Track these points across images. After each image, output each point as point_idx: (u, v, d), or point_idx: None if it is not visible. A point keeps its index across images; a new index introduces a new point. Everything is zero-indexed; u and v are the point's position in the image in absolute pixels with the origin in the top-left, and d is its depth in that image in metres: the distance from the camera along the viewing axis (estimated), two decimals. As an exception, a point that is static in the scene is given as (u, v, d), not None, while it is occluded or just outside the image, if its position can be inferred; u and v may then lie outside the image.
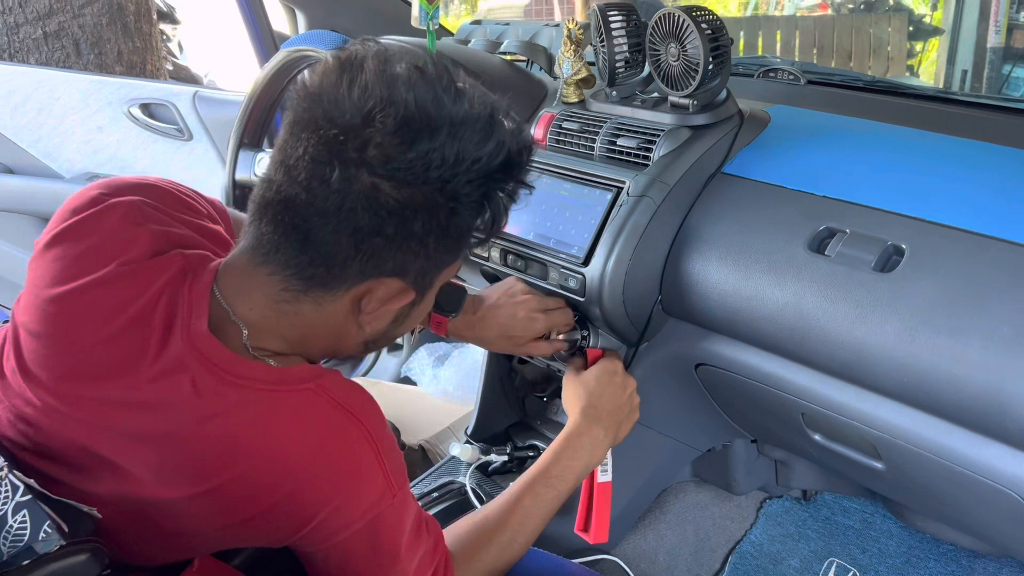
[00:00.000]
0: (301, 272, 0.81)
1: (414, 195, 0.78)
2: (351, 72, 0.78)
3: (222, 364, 0.81)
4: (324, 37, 1.42)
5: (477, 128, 0.79)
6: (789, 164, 1.22)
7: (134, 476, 0.83)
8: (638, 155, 1.26)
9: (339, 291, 0.83)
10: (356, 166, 0.76)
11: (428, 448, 1.71)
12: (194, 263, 0.87)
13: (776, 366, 1.14)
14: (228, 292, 0.85)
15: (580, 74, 1.44)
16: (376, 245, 0.79)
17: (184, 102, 2.06)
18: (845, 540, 1.59)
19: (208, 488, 0.81)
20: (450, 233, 0.82)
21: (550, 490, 1.06)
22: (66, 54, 2.61)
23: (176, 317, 0.83)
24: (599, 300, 1.20)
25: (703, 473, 1.59)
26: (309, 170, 0.77)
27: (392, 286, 0.84)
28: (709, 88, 1.25)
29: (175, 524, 0.85)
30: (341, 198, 0.77)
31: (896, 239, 1.03)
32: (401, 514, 0.88)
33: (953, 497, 1.10)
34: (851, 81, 1.59)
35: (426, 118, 0.77)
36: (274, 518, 0.84)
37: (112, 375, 0.82)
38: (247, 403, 0.81)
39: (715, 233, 1.18)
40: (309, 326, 0.85)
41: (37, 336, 0.85)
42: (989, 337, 0.91)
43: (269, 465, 0.81)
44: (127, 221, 0.88)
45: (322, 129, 0.77)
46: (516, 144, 0.82)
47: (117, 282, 0.84)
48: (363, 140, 0.76)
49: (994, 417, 0.91)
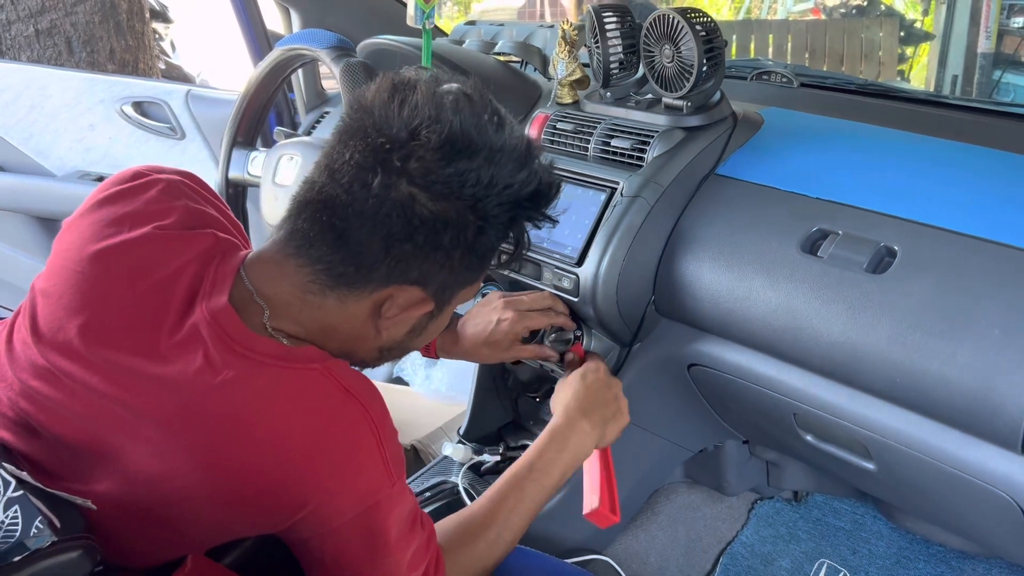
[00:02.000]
0: (331, 269, 0.84)
1: (447, 209, 0.82)
2: (403, 92, 0.83)
3: (235, 336, 0.83)
4: (318, 36, 1.41)
5: (513, 157, 0.84)
6: (782, 166, 1.23)
7: (133, 456, 0.83)
8: (632, 156, 1.27)
9: (364, 292, 0.86)
10: (398, 175, 0.81)
11: (420, 448, 1.71)
12: (224, 245, 0.91)
13: (768, 367, 1.14)
14: (255, 276, 0.87)
15: (574, 75, 1.44)
16: (405, 252, 0.83)
17: (177, 100, 2.05)
18: (836, 541, 1.60)
19: (207, 462, 0.81)
20: (475, 250, 0.87)
21: (535, 485, 1.06)
22: (58, 52, 2.59)
23: (200, 290, 0.85)
24: (592, 300, 1.21)
25: (695, 474, 1.59)
26: (353, 174, 0.81)
27: (413, 294, 0.87)
28: (703, 90, 1.26)
29: (169, 511, 0.85)
30: (379, 203, 0.81)
31: (888, 241, 1.03)
32: (398, 505, 0.89)
33: (944, 498, 1.10)
34: (844, 84, 1.60)
35: (468, 140, 0.82)
36: (271, 498, 0.83)
37: (129, 337, 0.84)
38: (253, 375, 0.82)
39: (708, 234, 1.19)
40: (329, 321, 0.87)
41: (59, 298, 0.86)
42: (980, 338, 0.92)
43: (269, 440, 0.82)
44: (166, 194, 0.93)
45: (370, 137, 0.82)
46: (547, 178, 0.88)
47: (149, 244, 0.88)
48: (407, 152, 0.81)
49: (985, 418, 0.92)
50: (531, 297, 1.28)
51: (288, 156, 1.43)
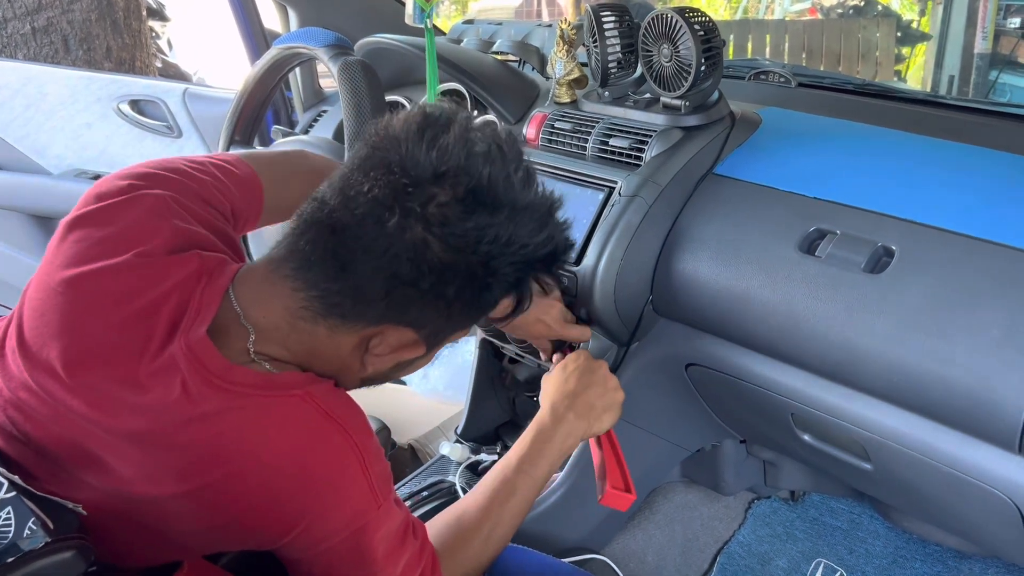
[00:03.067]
0: (327, 298, 0.82)
1: (458, 261, 0.80)
2: (435, 129, 0.81)
3: (213, 369, 0.81)
4: (316, 34, 1.41)
5: (535, 217, 0.83)
6: (780, 165, 1.22)
7: (120, 473, 0.82)
8: (630, 155, 1.27)
9: (356, 326, 0.84)
10: (415, 218, 0.79)
11: (418, 447, 1.71)
12: (211, 265, 0.88)
13: (766, 367, 1.14)
14: (244, 297, 0.85)
15: (572, 74, 1.44)
16: (407, 295, 0.82)
17: (174, 99, 2.05)
18: (832, 541, 1.60)
19: (192, 488, 0.81)
20: (477, 304, 0.85)
21: (525, 478, 1.05)
22: (55, 50, 2.59)
23: (183, 318, 0.83)
24: (590, 299, 1.21)
25: (692, 474, 1.59)
26: (368, 207, 0.79)
27: (406, 336, 0.85)
28: (701, 89, 1.26)
29: (161, 523, 0.85)
30: (390, 242, 0.79)
31: (886, 241, 1.03)
32: (386, 524, 0.88)
33: (941, 498, 1.10)
34: (841, 84, 1.60)
35: (493, 195, 0.80)
36: (257, 523, 0.83)
37: (111, 364, 0.82)
38: (233, 408, 0.81)
39: (706, 233, 1.18)
40: (317, 348, 0.86)
41: (42, 315, 0.85)
42: (978, 338, 0.92)
43: (252, 470, 0.81)
44: (152, 214, 0.89)
45: (394, 174, 0.79)
46: (564, 241, 0.88)
47: (130, 272, 0.85)
48: (428, 196, 0.79)
49: (983, 418, 0.92)
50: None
51: (285, 155, 1.43)
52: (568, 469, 1.33)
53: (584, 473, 1.34)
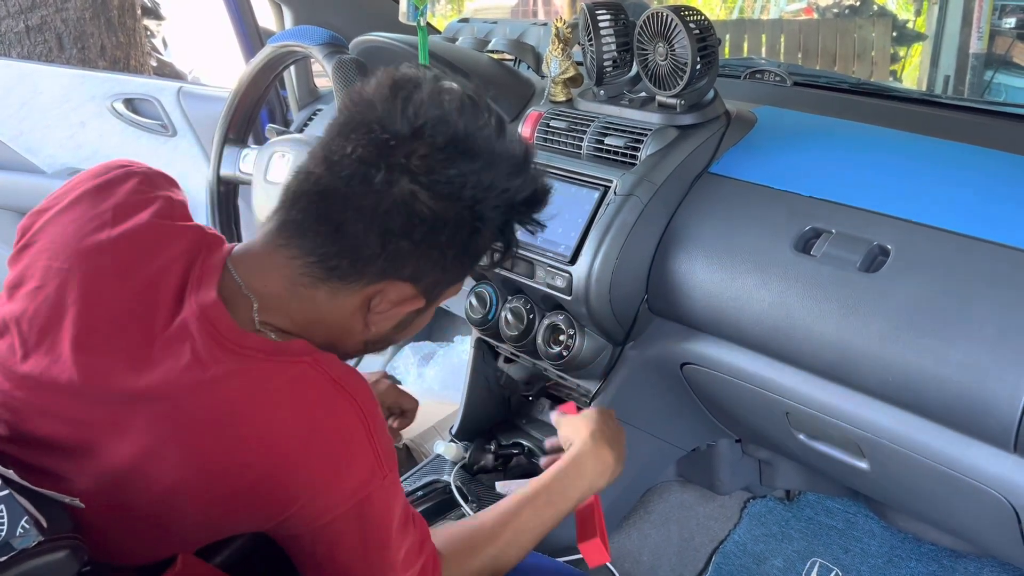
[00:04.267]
0: (324, 261, 0.84)
1: (446, 208, 0.83)
2: (406, 89, 0.83)
3: (224, 332, 0.82)
4: (311, 32, 1.41)
5: (512, 162, 0.86)
6: (775, 164, 1.22)
7: (119, 459, 0.82)
8: (625, 154, 1.27)
9: (356, 286, 0.86)
10: (400, 171, 0.81)
11: (412, 447, 1.70)
12: (209, 238, 0.90)
13: (761, 366, 1.14)
14: (243, 269, 0.87)
15: (568, 73, 1.44)
16: (401, 248, 0.84)
17: (168, 97, 2.04)
18: (828, 540, 1.60)
19: (197, 461, 0.81)
20: (468, 250, 0.89)
21: (550, 507, 1.04)
22: (48, 48, 2.58)
23: (188, 284, 0.85)
24: (586, 299, 1.20)
25: (687, 473, 1.59)
26: (354, 167, 0.82)
27: (404, 290, 0.87)
28: (696, 88, 1.25)
29: (160, 512, 0.84)
30: (380, 198, 0.81)
31: (881, 240, 1.03)
32: (390, 498, 0.88)
33: (936, 497, 1.10)
34: (837, 83, 1.60)
35: (470, 143, 0.83)
36: (261, 493, 0.83)
37: (119, 339, 0.82)
38: (243, 372, 0.82)
39: (701, 232, 1.18)
40: (318, 313, 0.87)
41: (45, 298, 0.84)
42: (973, 337, 0.92)
43: (260, 434, 0.81)
44: (145, 185, 0.92)
45: (374, 132, 0.82)
46: (541, 185, 0.91)
47: (138, 235, 0.87)
48: (411, 149, 0.81)
49: (977, 417, 0.92)
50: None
51: (280, 153, 1.43)
52: (563, 468, 1.33)
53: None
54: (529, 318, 1.34)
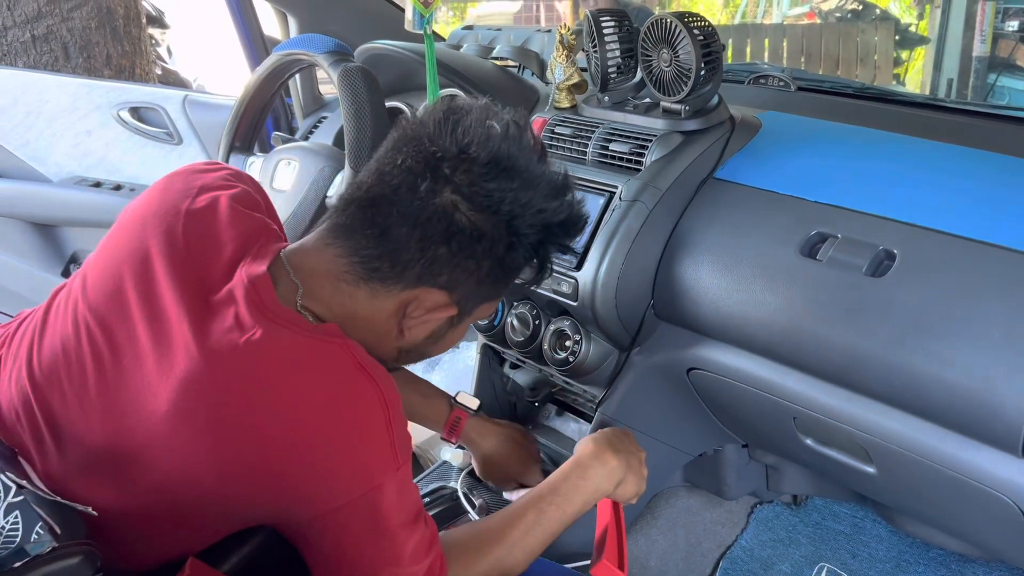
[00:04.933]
0: (367, 263, 0.89)
1: (485, 221, 0.88)
2: (457, 115, 0.90)
3: (267, 301, 0.87)
4: (316, 41, 1.41)
5: (550, 186, 0.91)
6: (780, 169, 1.23)
7: (143, 426, 0.85)
8: (630, 160, 1.27)
9: (394, 288, 0.90)
10: (444, 182, 0.87)
11: (419, 453, 1.70)
12: (271, 230, 0.97)
13: (768, 370, 1.14)
14: (294, 259, 0.92)
15: (572, 79, 1.44)
16: (440, 255, 0.89)
17: (174, 106, 2.05)
18: (835, 545, 1.59)
19: (220, 428, 0.83)
20: (503, 265, 0.92)
21: (555, 509, 1.05)
22: (54, 58, 2.59)
23: (243, 260, 0.91)
24: (592, 304, 1.21)
25: (694, 478, 1.59)
26: (402, 177, 0.88)
27: (439, 298, 0.91)
28: (701, 94, 1.26)
29: (175, 495, 0.86)
30: (423, 205, 0.87)
31: (887, 244, 1.04)
32: (402, 491, 0.89)
33: (944, 501, 1.10)
34: (841, 88, 1.60)
35: (512, 163, 0.89)
36: (277, 468, 0.84)
37: (181, 293, 0.88)
38: (275, 340, 0.85)
39: (707, 238, 1.19)
40: (357, 311, 0.91)
41: (113, 253, 0.93)
42: (979, 341, 0.92)
43: (284, 405, 0.84)
44: (233, 176, 1.03)
45: (423, 145, 0.89)
46: (577, 211, 0.96)
47: (216, 212, 0.95)
48: (456, 163, 0.88)
49: (984, 421, 0.92)
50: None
51: (286, 161, 1.43)
52: (570, 474, 1.33)
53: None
54: (535, 324, 1.35)
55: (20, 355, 0.93)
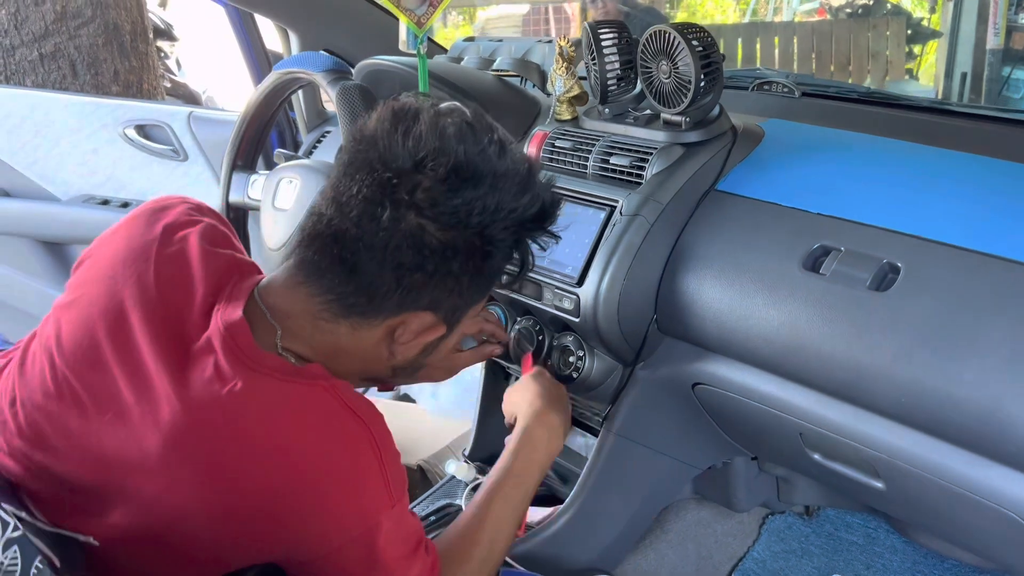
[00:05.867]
0: (343, 300, 0.87)
1: (455, 237, 0.85)
2: (406, 122, 0.85)
3: (244, 348, 0.85)
4: (315, 59, 1.41)
5: (516, 181, 0.87)
6: (783, 180, 1.21)
7: (134, 477, 0.83)
8: (631, 173, 1.25)
9: (376, 320, 0.88)
10: (406, 207, 0.83)
11: (427, 468, 1.69)
12: (244, 265, 0.95)
13: (773, 386, 1.12)
14: (268, 298, 0.90)
15: (572, 91, 1.43)
16: (416, 281, 0.86)
17: (179, 123, 2.06)
18: (849, 556, 1.57)
19: (209, 479, 0.82)
20: (483, 273, 0.90)
21: (518, 489, 1.08)
22: (62, 75, 2.61)
23: (217, 305, 0.88)
24: (594, 320, 1.19)
25: (704, 490, 1.57)
26: (361, 208, 0.84)
27: (425, 320, 0.90)
28: (701, 105, 1.24)
29: (169, 536, 0.85)
30: (389, 235, 0.83)
31: (892, 257, 1.02)
32: (399, 526, 0.89)
33: (954, 517, 1.08)
34: (846, 93, 1.58)
35: (472, 169, 0.84)
36: (270, 515, 0.84)
37: (156, 344, 0.86)
38: (258, 389, 0.84)
39: (709, 252, 1.17)
40: (341, 345, 0.89)
41: (91, 304, 0.90)
42: (987, 357, 0.90)
43: (272, 454, 0.83)
44: (194, 211, 1.01)
45: (376, 172, 0.84)
46: (549, 197, 0.92)
47: (183, 256, 0.92)
48: (413, 184, 0.83)
49: (993, 438, 0.90)
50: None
51: (288, 179, 1.43)
52: (576, 490, 1.32)
53: (593, 493, 1.32)
54: (539, 340, 1.33)
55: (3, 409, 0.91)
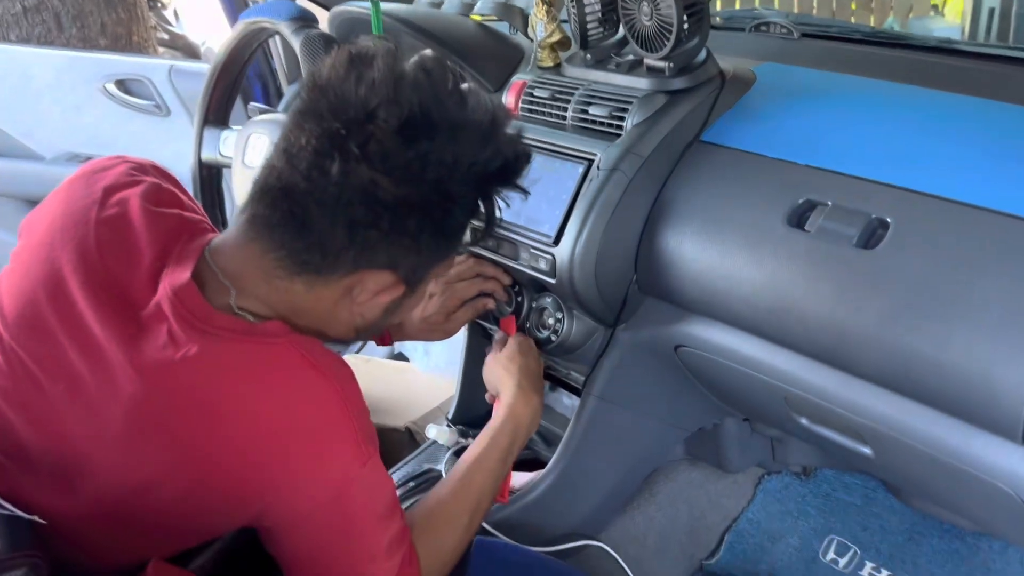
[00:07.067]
0: (295, 256, 0.82)
1: (410, 193, 0.80)
2: (360, 67, 0.80)
3: (196, 312, 0.81)
4: (279, 7, 1.34)
5: (477, 133, 0.82)
6: (771, 130, 1.14)
7: (96, 454, 0.81)
8: (611, 124, 1.18)
9: (331, 278, 0.84)
10: (356, 160, 0.78)
11: (415, 430, 1.67)
12: (190, 226, 0.90)
13: (756, 349, 1.07)
14: (220, 258, 0.85)
15: (554, 36, 1.35)
16: (371, 238, 0.81)
17: (160, 77, 1.99)
18: (846, 517, 1.53)
19: (172, 448, 0.80)
20: (443, 231, 0.85)
21: (501, 464, 1.08)
22: (47, 29, 2.54)
23: (164, 268, 0.84)
24: (570, 282, 1.14)
25: (696, 451, 1.53)
26: (311, 160, 0.79)
27: (384, 279, 0.85)
28: (686, 49, 1.16)
29: (135, 510, 0.83)
30: (339, 190, 0.78)
31: (881, 212, 0.95)
32: (372, 484, 0.86)
33: (944, 485, 1.03)
34: (849, 33, 1.49)
35: (427, 120, 0.79)
36: (238, 480, 0.81)
37: (103, 315, 0.83)
38: (214, 351, 0.80)
39: (691, 207, 1.11)
40: (297, 304, 0.85)
41: (26, 274, 0.87)
42: (977, 319, 0.84)
43: (235, 417, 0.80)
44: (136, 170, 0.95)
45: (326, 122, 0.79)
46: (513, 151, 0.85)
47: (122, 219, 0.87)
48: (365, 136, 0.78)
49: (982, 406, 0.84)
50: (457, 269, 1.26)
51: (257, 134, 1.37)
52: (558, 454, 1.28)
53: (576, 457, 1.28)
54: (517, 301, 1.28)
55: None
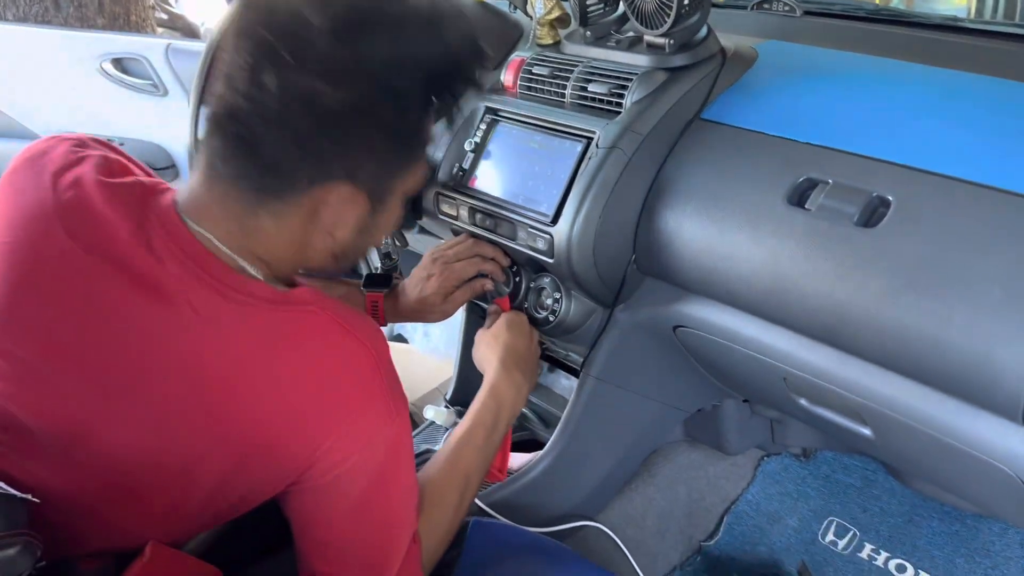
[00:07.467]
0: (252, 182, 0.80)
1: (353, 96, 0.76)
2: None
3: (222, 278, 0.79)
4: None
5: (419, 25, 0.77)
6: (772, 108, 1.12)
7: (119, 439, 0.79)
8: (610, 102, 1.17)
9: (292, 199, 0.81)
10: (292, 69, 0.74)
11: (414, 412, 1.66)
12: (152, 188, 0.85)
13: (755, 329, 1.06)
14: (194, 215, 0.82)
15: (553, 13, 1.33)
16: (321, 148, 0.78)
17: (157, 56, 1.97)
18: (846, 499, 1.53)
19: (209, 423, 0.78)
20: (398, 135, 0.82)
21: (486, 442, 1.08)
22: (44, 8, 2.52)
23: (152, 238, 0.80)
24: (568, 261, 1.13)
25: (695, 432, 1.52)
26: (247, 78, 0.75)
27: (343, 191, 0.82)
28: (686, 26, 1.15)
29: (172, 486, 0.82)
30: (281, 103, 0.75)
31: (882, 190, 0.94)
32: (403, 442, 0.87)
33: (945, 468, 1.02)
34: (852, 10, 1.47)
35: (360, 14, 0.76)
36: (279, 450, 0.80)
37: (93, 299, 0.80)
38: (248, 320, 0.79)
39: (691, 185, 1.09)
40: (273, 241, 0.83)
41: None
42: (979, 299, 0.83)
43: (273, 388, 0.78)
44: (77, 146, 0.90)
45: (258, 34, 0.75)
46: (467, 46, 0.82)
47: (81, 197, 0.83)
48: (297, 43, 0.74)
49: (983, 387, 0.83)
50: (455, 249, 1.25)
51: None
52: (556, 435, 1.27)
53: (574, 438, 1.28)
54: (515, 281, 1.27)
55: None
